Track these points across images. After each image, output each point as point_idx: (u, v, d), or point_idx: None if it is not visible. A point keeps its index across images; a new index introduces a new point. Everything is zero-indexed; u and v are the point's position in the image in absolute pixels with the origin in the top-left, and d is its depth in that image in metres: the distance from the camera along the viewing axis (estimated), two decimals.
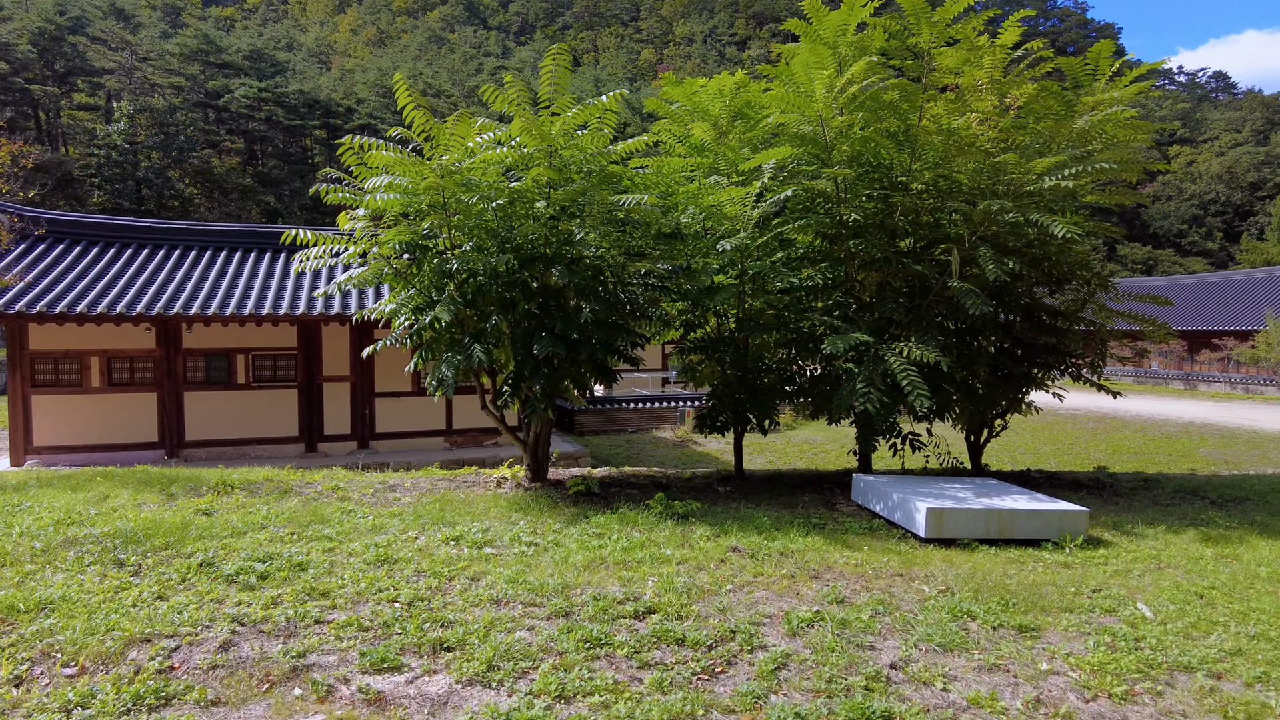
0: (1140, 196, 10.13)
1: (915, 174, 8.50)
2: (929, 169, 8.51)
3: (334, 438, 18.51)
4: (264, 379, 17.93)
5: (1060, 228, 7.27)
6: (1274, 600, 5.36)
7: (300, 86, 68.19)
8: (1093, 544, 6.74)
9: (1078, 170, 7.54)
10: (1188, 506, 8.49)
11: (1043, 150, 8.35)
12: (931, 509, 6.65)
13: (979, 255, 7.83)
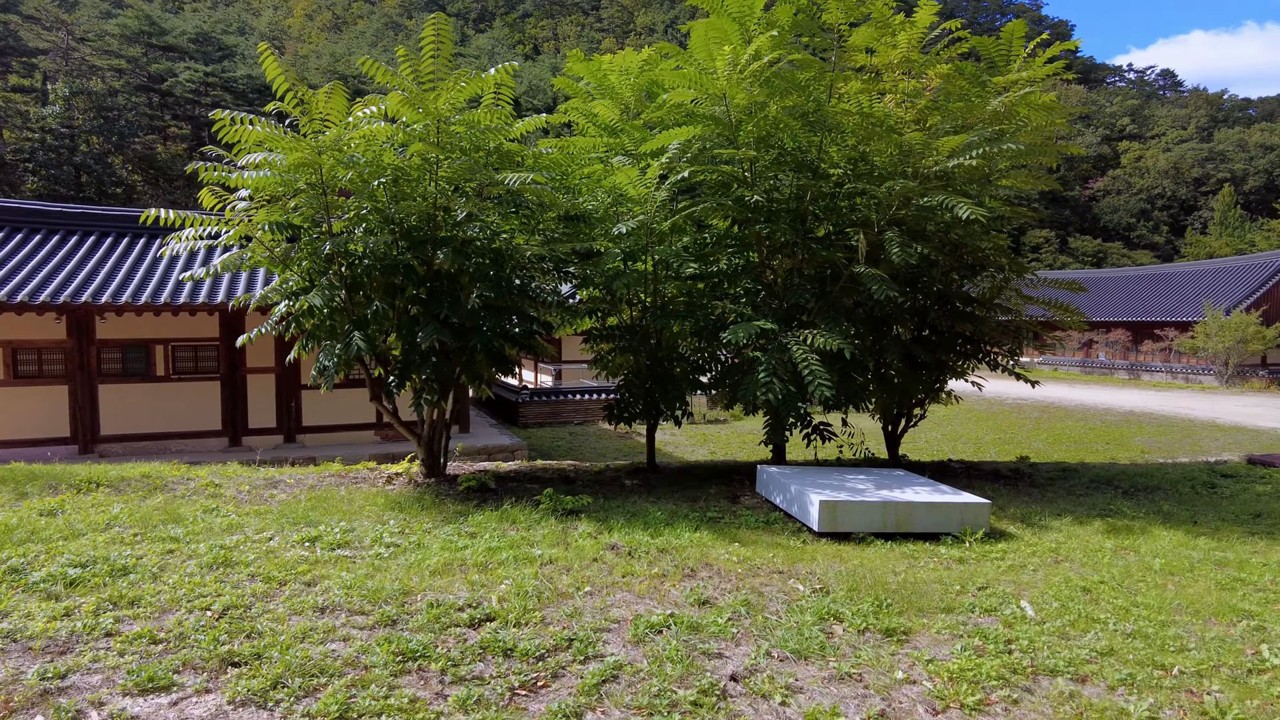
0: (1052, 182, 9.90)
1: (826, 156, 8.19)
2: (842, 151, 8.20)
3: (259, 431, 17.82)
4: (185, 371, 17.20)
5: (964, 209, 7.00)
6: (1160, 594, 5.13)
7: (249, 71, 66.26)
8: (994, 537, 6.51)
9: (984, 151, 7.27)
10: (1100, 496, 8.33)
11: (956, 132, 8.09)
12: (825, 502, 6.35)
13: (885, 239, 7.55)
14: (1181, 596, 5.15)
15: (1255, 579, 5.58)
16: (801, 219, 8.38)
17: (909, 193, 7.44)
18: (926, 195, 7.48)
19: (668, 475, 9.17)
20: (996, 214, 8.83)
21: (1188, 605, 4.98)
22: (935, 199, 7.30)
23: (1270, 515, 7.58)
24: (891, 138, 7.61)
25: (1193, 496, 8.37)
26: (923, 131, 8.11)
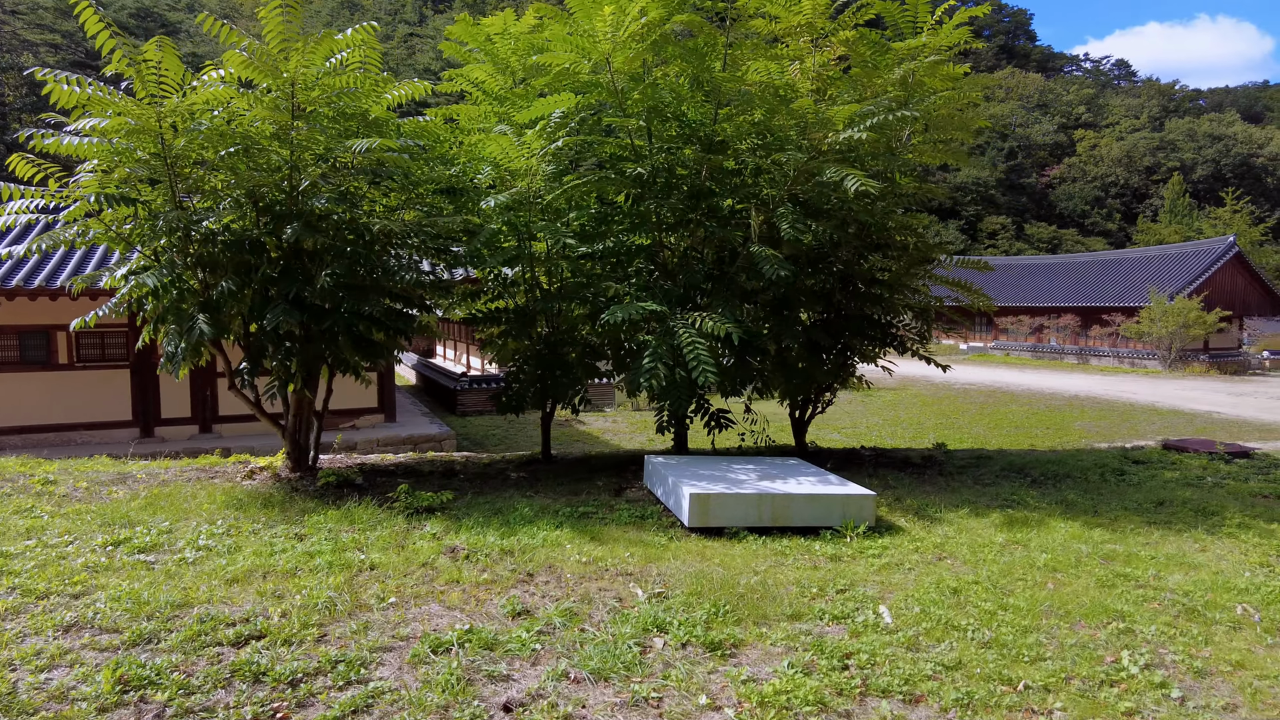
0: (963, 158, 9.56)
1: (721, 129, 7.69)
2: (736, 123, 7.70)
3: (172, 421, 17.00)
4: (91, 358, 16.30)
5: (853, 181, 6.55)
6: (1035, 594, 4.75)
7: (194, 49, 64.05)
8: (879, 531, 6.10)
9: (879, 121, 6.82)
10: (1007, 485, 7.99)
11: (859, 102, 7.63)
12: (696, 495, 5.90)
13: (778, 216, 7.09)
14: (1057, 596, 4.78)
15: (1139, 574, 5.23)
16: (698, 195, 7.88)
17: (798, 165, 6.98)
18: (821, 169, 7.02)
19: (562, 466, 8.67)
20: (900, 190, 8.40)
21: (1060, 606, 4.61)
22: (824, 171, 6.84)
23: (1173, 503, 7.30)
24: (782, 108, 7.13)
25: (1100, 485, 8.07)
26: (824, 102, 7.66)
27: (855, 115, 6.90)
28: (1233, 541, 6.17)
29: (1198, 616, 4.54)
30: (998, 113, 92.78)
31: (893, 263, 8.56)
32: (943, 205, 78.85)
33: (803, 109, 7.00)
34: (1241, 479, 8.39)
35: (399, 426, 18.37)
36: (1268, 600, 4.82)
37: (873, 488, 7.61)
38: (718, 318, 6.85)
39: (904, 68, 7.50)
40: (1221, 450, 9.10)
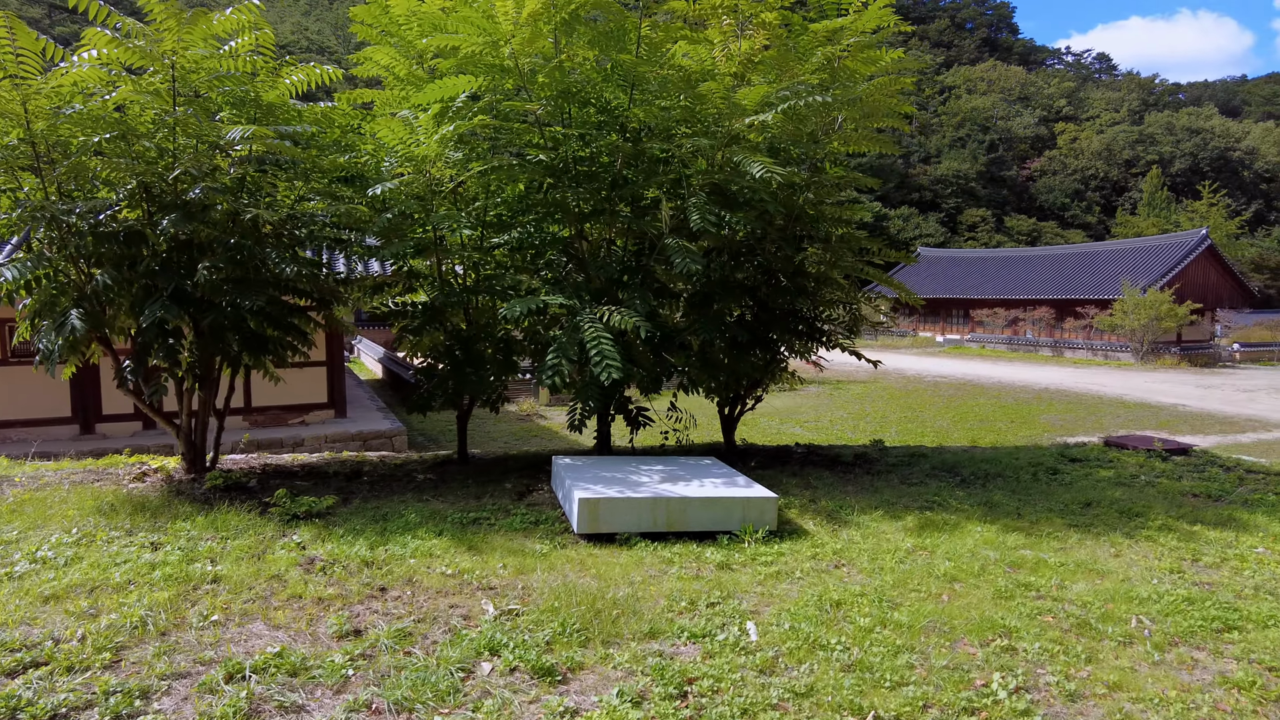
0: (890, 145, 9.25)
1: (632, 114, 7.33)
2: (651, 109, 7.34)
3: (115, 418, 16.49)
4: (28, 353, 15.78)
5: (758, 168, 6.23)
6: (922, 608, 4.47)
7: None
8: (781, 536, 5.81)
9: (791, 106, 6.49)
10: (934, 485, 7.73)
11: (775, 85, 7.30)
12: (585, 499, 5.58)
13: (689, 206, 6.76)
14: (947, 609, 4.50)
15: (1043, 583, 4.96)
16: (616, 184, 7.54)
17: (709, 152, 6.65)
18: (731, 155, 6.69)
19: (477, 467, 8.34)
20: (828, 180, 8.09)
21: (947, 621, 4.32)
22: (732, 157, 6.52)
23: (1101, 504, 7.05)
24: (689, 92, 6.78)
25: (1031, 485, 7.82)
26: (745, 87, 7.32)
27: (764, 100, 6.56)
28: (1150, 545, 5.92)
29: (1089, 631, 4.26)
30: (979, 105, 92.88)
31: (821, 255, 8.25)
32: (923, 198, 78.92)
33: (709, 92, 6.66)
34: (1175, 477, 8.16)
35: (349, 422, 17.96)
36: (1167, 610, 4.56)
37: (794, 488, 7.34)
38: (626, 312, 6.53)
39: (824, 51, 7.16)
40: (1159, 448, 8.87)
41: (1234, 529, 6.39)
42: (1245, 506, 7.14)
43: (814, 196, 8.07)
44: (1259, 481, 8.20)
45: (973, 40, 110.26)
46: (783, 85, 6.97)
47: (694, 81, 6.83)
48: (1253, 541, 6.09)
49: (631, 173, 7.58)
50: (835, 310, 8.55)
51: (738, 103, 6.65)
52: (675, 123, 7.62)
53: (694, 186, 7.18)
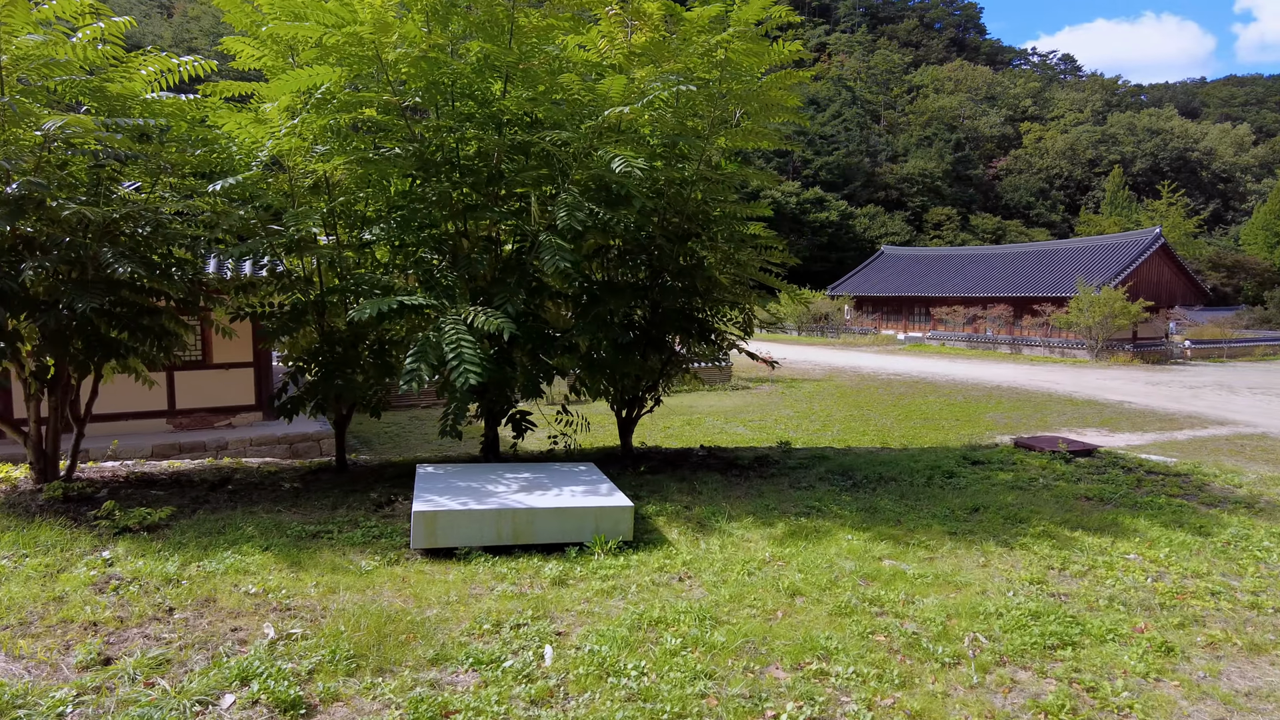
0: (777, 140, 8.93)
1: (503, 105, 7.00)
2: (522, 101, 7.01)
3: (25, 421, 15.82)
4: None
5: (618, 162, 5.94)
6: (748, 626, 4.21)
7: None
8: (636, 546, 5.54)
9: (659, 98, 6.20)
10: (823, 489, 7.49)
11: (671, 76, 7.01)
12: (421, 512, 5.26)
13: (558, 202, 6.46)
14: (776, 627, 4.24)
15: (891, 597, 4.72)
16: (490, 178, 7.22)
17: (557, 141, 6.34)
18: (598, 149, 6.39)
19: (353, 475, 7.97)
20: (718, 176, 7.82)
21: (769, 641, 4.06)
22: (596, 150, 6.22)
23: (989, 509, 6.85)
24: (551, 81, 6.47)
25: (923, 489, 7.61)
26: (625, 78, 7.02)
27: (630, 92, 6.27)
28: (1023, 553, 5.71)
29: (917, 651, 4.02)
30: (947, 105, 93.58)
31: (710, 254, 7.96)
32: (889, 197, 79.31)
33: (569, 83, 6.36)
34: (1074, 480, 8.00)
35: (277, 425, 17.43)
36: (1009, 626, 4.34)
37: (676, 494, 7.07)
38: (492, 313, 6.22)
39: (700, 40, 6.88)
40: (1064, 449, 8.71)
41: (1113, 534, 6.21)
42: (1132, 510, 6.98)
43: (706, 194, 7.81)
44: (1157, 483, 8.07)
45: (940, 40, 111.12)
46: (656, 77, 6.68)
47: (556, 71, 6.52)
48: (1127, 547, 5.91)
49: (511, 167, 7.26)
50: (730, 310, 8.28)
51: (603, 94, 6.34)
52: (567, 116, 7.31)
53: (571, 182, 6.87)
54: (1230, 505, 7.42)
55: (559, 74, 6.49)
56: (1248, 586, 5.24)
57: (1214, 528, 6.50)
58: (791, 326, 54.78)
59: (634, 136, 7.11)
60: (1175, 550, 5.89)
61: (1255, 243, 69.35)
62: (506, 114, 7.06)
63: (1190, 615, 4.69)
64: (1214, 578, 5.36)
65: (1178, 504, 7.29)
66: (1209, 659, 4.13)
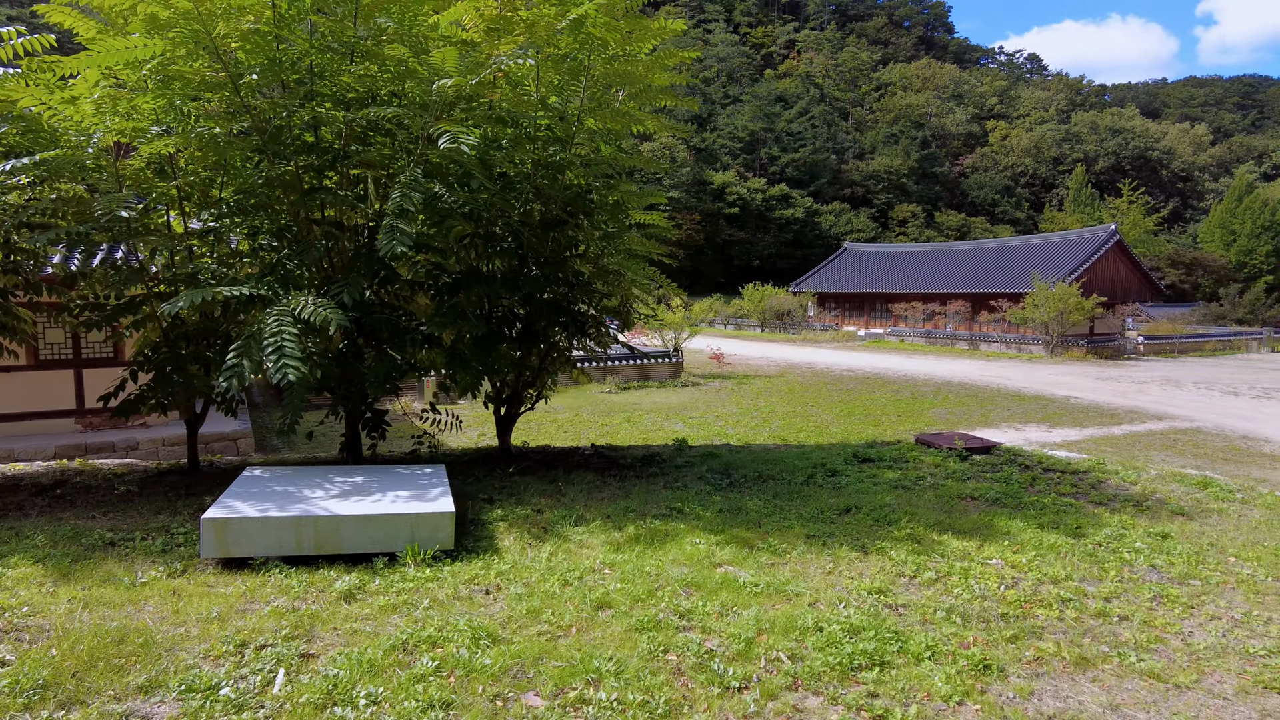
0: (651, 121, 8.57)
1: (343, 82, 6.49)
2: (347, 76, 6.47)
3: None
4: None
5: (446, 139, 5.49)
6: (523, 648, 3.79)
7: None
8: (458, 555, 5.11)
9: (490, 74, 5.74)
10: (698, 489, 7.10)
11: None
12: (210, 520, 4.79)
13: (396, 183, 6.00)
14: (562, 646, 3.83)
15: (706, 610, 4.33)
16: (338, 159, 6.73)
17: (365, 117, 5.88)
18: (414, 121, 5.92)
19: (204, 477, 7.48)
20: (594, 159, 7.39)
21: (545, 662, 3.65)
22: (438, 128, 5.76)
23: (862, 509, 6.50)
24: (377, 56, 5.98)
25: (801, 488, 7.25)
26: (456, 51, 6.51)
27: (467, 66, 5.82)
28: (879, 558, 5.36)
29: (704, 673, 3.63)
30: (914, 102, 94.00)
31: (589, 244, 7.53)
32: (855, 194, 79.47)
33: (397, 54, 5.89)
34: (964, 478, 7.69)
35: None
36: (821, 644, 3.96)
37: (539, 496, 6.66)
38: (323, 303, 5.76)
39: (549, 11, 6.42)
40: (960, 446, 8.40)
41: (982, 537, 5.88)
42: (1013, 510, 6.67)
43: (584, 179, 7.39)
44: (1050, 481, 7.78)
45: (909, 38, 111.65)
46: (511, 53, 6.24)
47: (383, 44, 6.04)
48: (993, 551, 5.58)
49: (359, 146, 6.77)
50: (610, 301, 7.87)
51: (438, 68, 5.89)
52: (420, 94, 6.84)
53: (418, 162, 6.40)
54: (1119, 503, 7.14)
55: (422, 52, 6.00)
56: (1103, 592, 4.93)
57: (1091, 528, 6.20)
58: (754, 323, 54.63)
59: (492, 115, 6.66)
60: (1042, 554, 5.57)
61: (1212, 240, 70.38)
62: (352, 92, 6.57)
63: (1029, 627, 4.35)
64: (1071, 583, 5.04)
65: (1065, 503, 6.99)
66: (1027, 677, 3.79)
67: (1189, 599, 4.92)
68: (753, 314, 53.93)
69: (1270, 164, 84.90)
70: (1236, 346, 41.94)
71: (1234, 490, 7.99)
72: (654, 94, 7.51)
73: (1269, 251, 65.85)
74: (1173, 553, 5.77)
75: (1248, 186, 71.28)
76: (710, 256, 70.40)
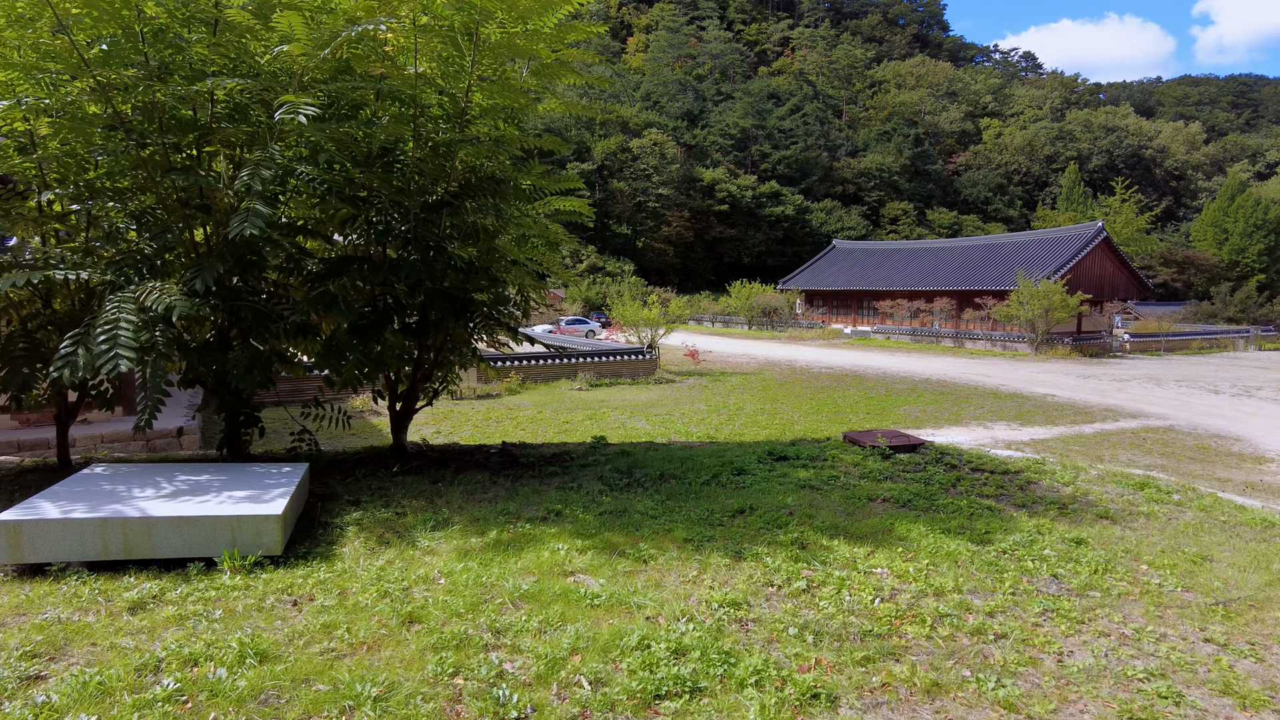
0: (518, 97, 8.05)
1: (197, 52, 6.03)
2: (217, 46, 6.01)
3: None
4: None
5: (283, 110, 5.04)
6: (292, 669, 3.35)
7: None
8: (285, 560, 4.68)
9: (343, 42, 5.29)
10: (590, 489, 6.65)
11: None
12: (3, 523, 4.35)
13: (247, 160, 5.56)
14: (341, 667, 3.40)
15: (525, 626, 3.90)
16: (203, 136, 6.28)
17: (226, 90, 5.43)
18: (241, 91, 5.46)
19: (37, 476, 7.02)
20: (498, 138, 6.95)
21: (309, 685, 3.22)
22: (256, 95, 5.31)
23: (758, 511, 6.06)
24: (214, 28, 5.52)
25: (701, 488, 6.80)
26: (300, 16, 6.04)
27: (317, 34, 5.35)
28: (753, 565, 4.92)
29: (482, 700, 3.20)
30: (907, 100, 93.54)
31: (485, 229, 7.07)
32: (846, 191, 79.02)
33: (240, 23, 5.42)
34: (881, 478, 7.24)
35: (121, 422, 16.37)
36: (638, 666, 3.52)
37: (413, 497, 6.23)
38: (168, 289, 5.33)
39: None
40: (884, 444, 7.96)
41: (876, 543, 5.45)
42: (923, 513, 6.23)
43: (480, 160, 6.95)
44: (976, 482, 7.34)
45: (904, 36, 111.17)
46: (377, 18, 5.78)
47: (221, 7, 5.58)
48: (884, 559, 5.14)
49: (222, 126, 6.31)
50: (508, 290, 7.42)
51: (285, 34, 5.43)
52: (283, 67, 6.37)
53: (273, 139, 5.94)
54: (1043, 506, 6.70)
55: (224, 11, 5.55)
56: (989, 606, 4.49)
57: (1000, 534, 5.76)
58: (742, 321, 54.22)
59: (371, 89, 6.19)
60: (936, 562, 5.13)
61: (1205, 239, 70.01)
62: (213, 65, 6.11)
63: (889, 647, 3.92)
64: (955, 596, 4.60)
65: (983, 506, 6.55)
66: (859, 709, 3.35)
67: (1082, 613, 4.49)
68: (740, 311, 53.51)
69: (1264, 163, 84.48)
70: (1223, 344, 41.55)
71: (1171, 491, 7.57)
72: (554, 70, 7.08)
73: (1261, 250, 65.48)
74: (1081, 561, 5.33)
75: (1241, 185, 70.90)
76: (700, 254, 69.98)
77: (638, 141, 68.85)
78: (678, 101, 79.79)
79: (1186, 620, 4.49)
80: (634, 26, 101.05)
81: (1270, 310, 54.78)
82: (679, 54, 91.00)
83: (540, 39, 6.61)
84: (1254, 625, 4.49)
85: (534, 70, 7.16)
